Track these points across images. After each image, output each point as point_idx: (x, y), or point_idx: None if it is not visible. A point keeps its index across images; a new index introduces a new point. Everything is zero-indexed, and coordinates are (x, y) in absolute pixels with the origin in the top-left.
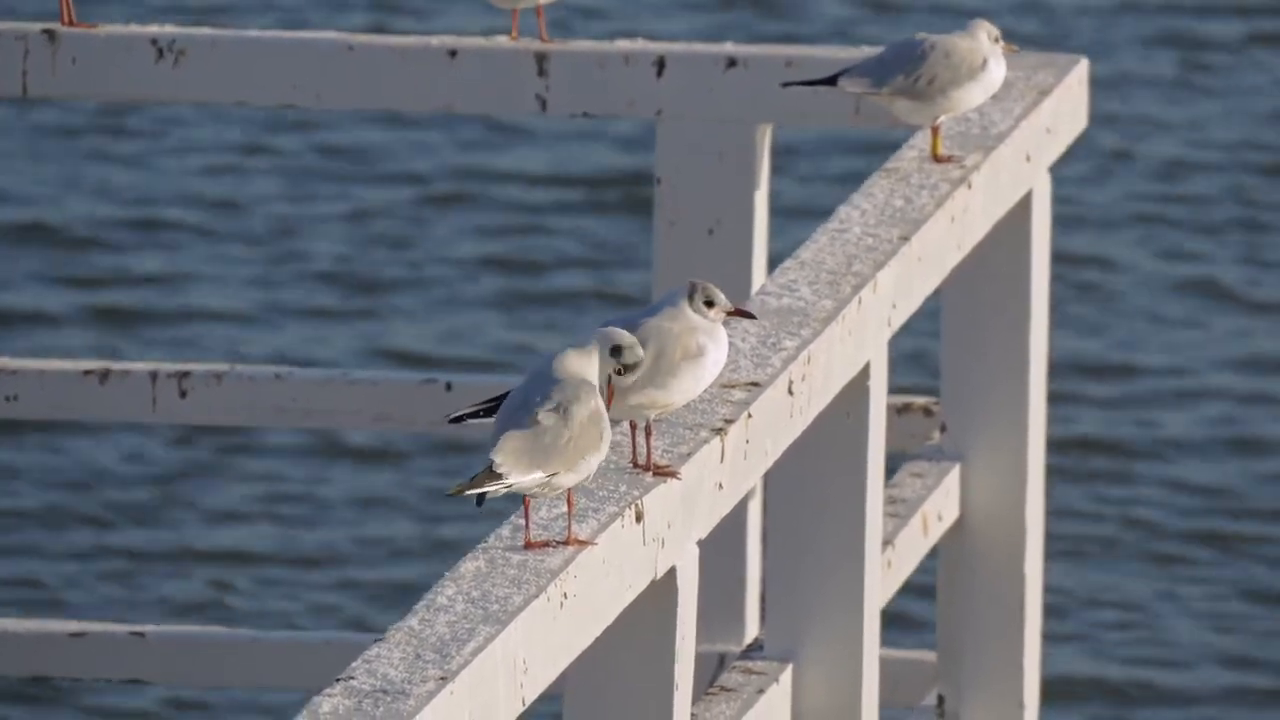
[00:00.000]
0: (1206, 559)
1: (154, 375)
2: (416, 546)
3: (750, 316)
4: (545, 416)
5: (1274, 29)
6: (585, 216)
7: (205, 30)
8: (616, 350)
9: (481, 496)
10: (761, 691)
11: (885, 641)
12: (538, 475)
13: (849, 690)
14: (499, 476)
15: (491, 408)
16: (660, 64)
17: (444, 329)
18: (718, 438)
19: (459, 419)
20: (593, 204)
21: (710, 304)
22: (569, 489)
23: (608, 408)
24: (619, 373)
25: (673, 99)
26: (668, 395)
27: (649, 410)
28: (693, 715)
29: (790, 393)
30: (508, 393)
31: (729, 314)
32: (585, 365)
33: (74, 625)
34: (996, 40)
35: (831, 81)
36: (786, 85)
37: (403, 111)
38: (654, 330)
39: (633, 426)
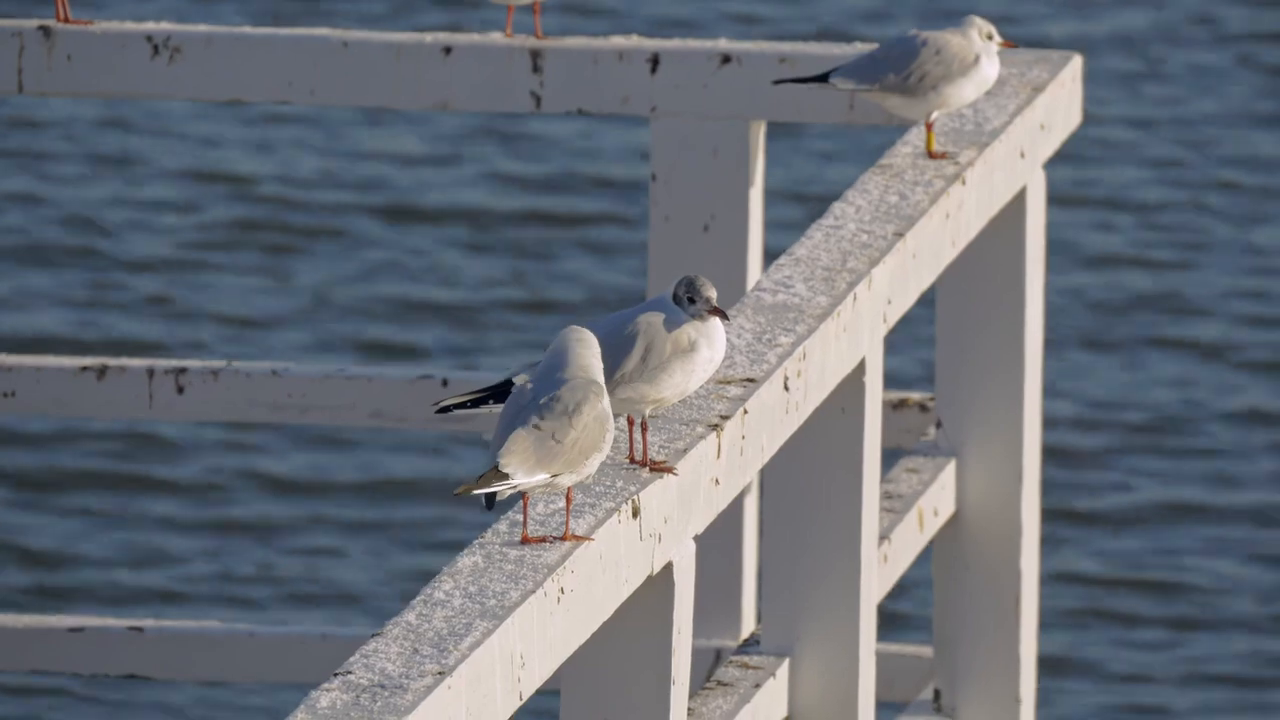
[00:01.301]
0: (1201, 552)
1: (151, 372)
2: (415, 540)
3: (724, 317)
4: (552, 419)
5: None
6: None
7: (200, 27)
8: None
9: (491, 497)
10: (758, 686)
11: (881, 636)
12: (542, 476)
13: (845, 685)
14: (505, 477)
15: (479, 398)
16: (654, 61)
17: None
18: (714, 433)
19: (446, 409)
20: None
21: (691, 300)
22: (570, 486)
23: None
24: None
25: (667, 95)
26: (658, 390)
27: (640, 405)
28: (690, 710)
29: (786, 389)
30: (496, 385)
31: (708, 313)
32: (590, 360)
33: (72, 620)
34: (990, 37)
35: (824, 79)
36: (778, 82)
37: (397, 108)
38: (645, 325)
39: (630, 422)
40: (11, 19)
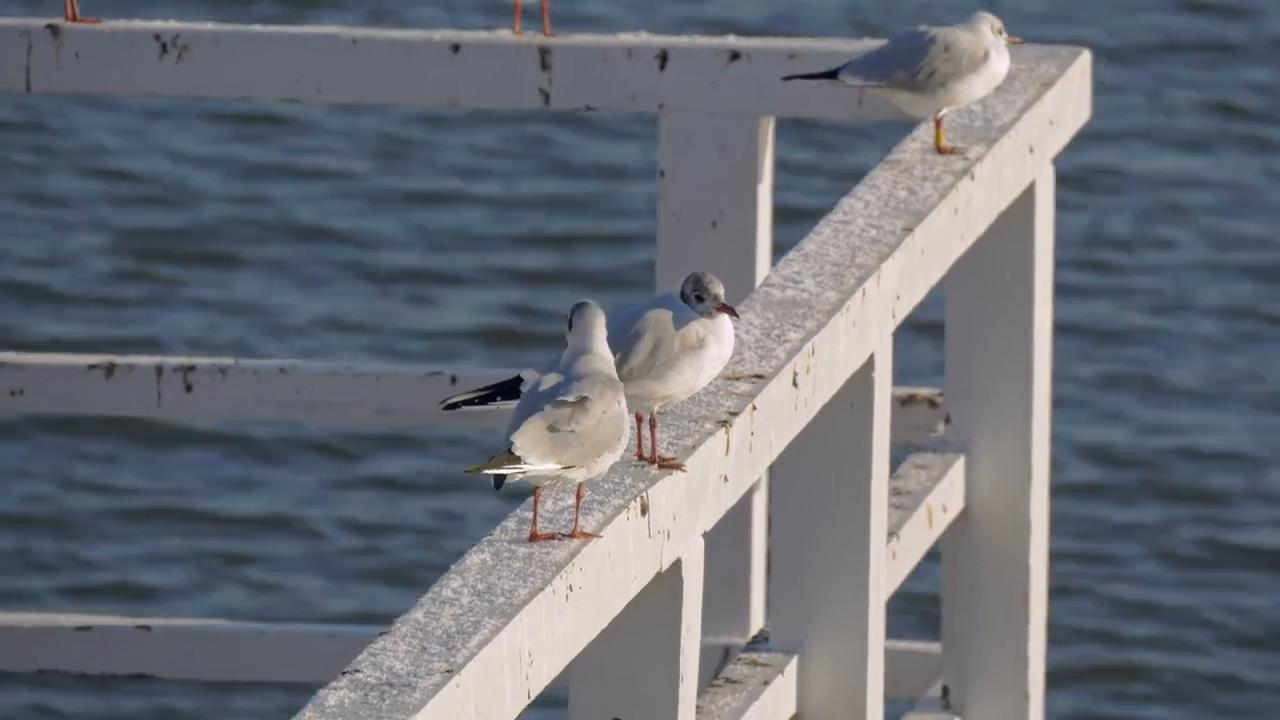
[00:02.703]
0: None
1: (159, 369)
2: (422, 539)
3: (733, 314)
4: (567, 408)
5: None
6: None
7: (208, 25)
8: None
9: (501, 478)
10: (767, 683)
11: (890, 633)
12: (553, 465)
13: (854, 682)
14: (517, 460)
15: (487, 395)
16: (663, 57)
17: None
18: (722, 430)
19: (454, 406)
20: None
21: (700, 298)
22: (580, 483)
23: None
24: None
25: (675, 92)
26: (666, 387)
27: (648, 402)
28: (698, 707)
29: (794, 385)
30: (505, 382)
31: (716, 310)
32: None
33: (79, 619)
34: (999, 33)
35: (832, 75)
36: (787, 79)
37: (405, 105)
38: (653, 321)
39: (638, 419)
40: (19, 18)
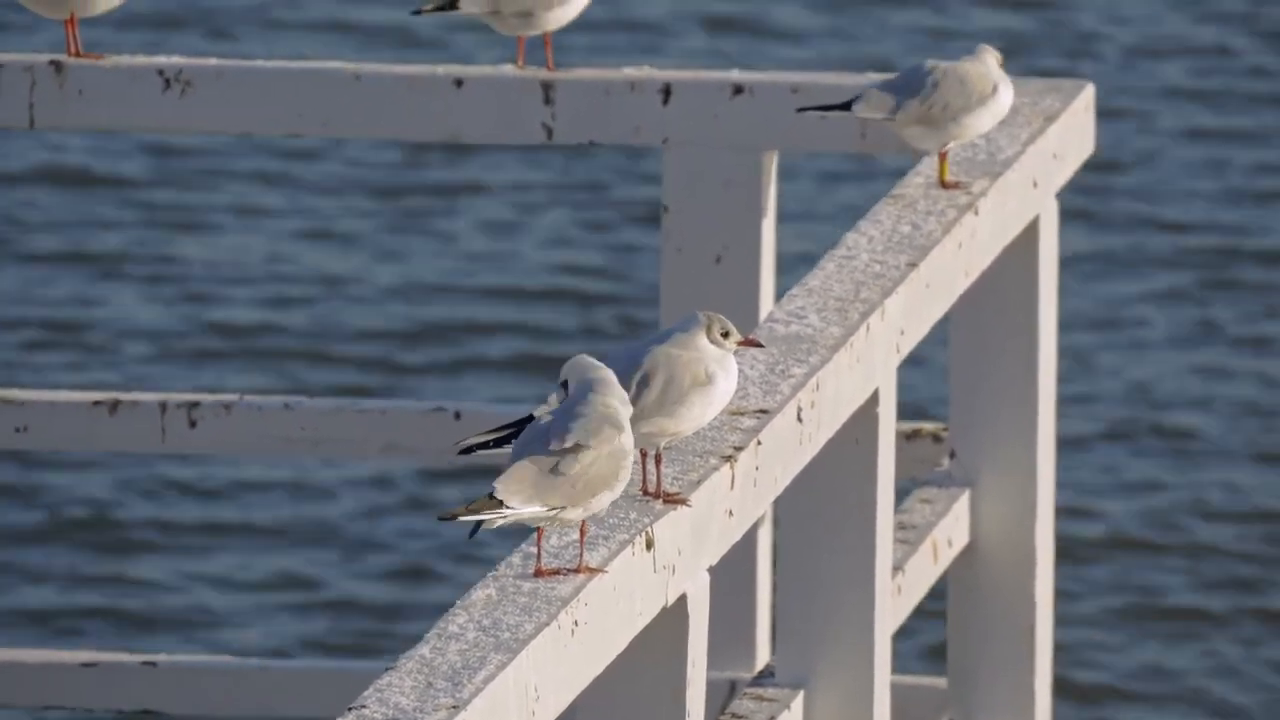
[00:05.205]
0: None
1: (163, 406)
2: (431, 574)
3: (759, 345)
4: (558, 451)
5: None
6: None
7: (211, 61)
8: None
9: (476, 526)
10: (773, 718)
11: (896, 667)
12: (539, 508)
13: (860, 717)
14: (499, 504)
15: (503, 437)
16: (666, 91)
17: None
18: (727, 465)
19: (469, 449)
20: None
21: (726, 334)
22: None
23: None
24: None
25: (679, 126)
26: (677, 424)
27: (659, 438)
28: None
29: (799, 420)
30: (518, 421)
31: (740, 344)
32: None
33: (85, 655)
34: (1002, 66)
35: (845, 107)
36: (801, 110)
37: (409, 140)
38: (664, 358)
39: (643, 454)
40: (23, 53)
